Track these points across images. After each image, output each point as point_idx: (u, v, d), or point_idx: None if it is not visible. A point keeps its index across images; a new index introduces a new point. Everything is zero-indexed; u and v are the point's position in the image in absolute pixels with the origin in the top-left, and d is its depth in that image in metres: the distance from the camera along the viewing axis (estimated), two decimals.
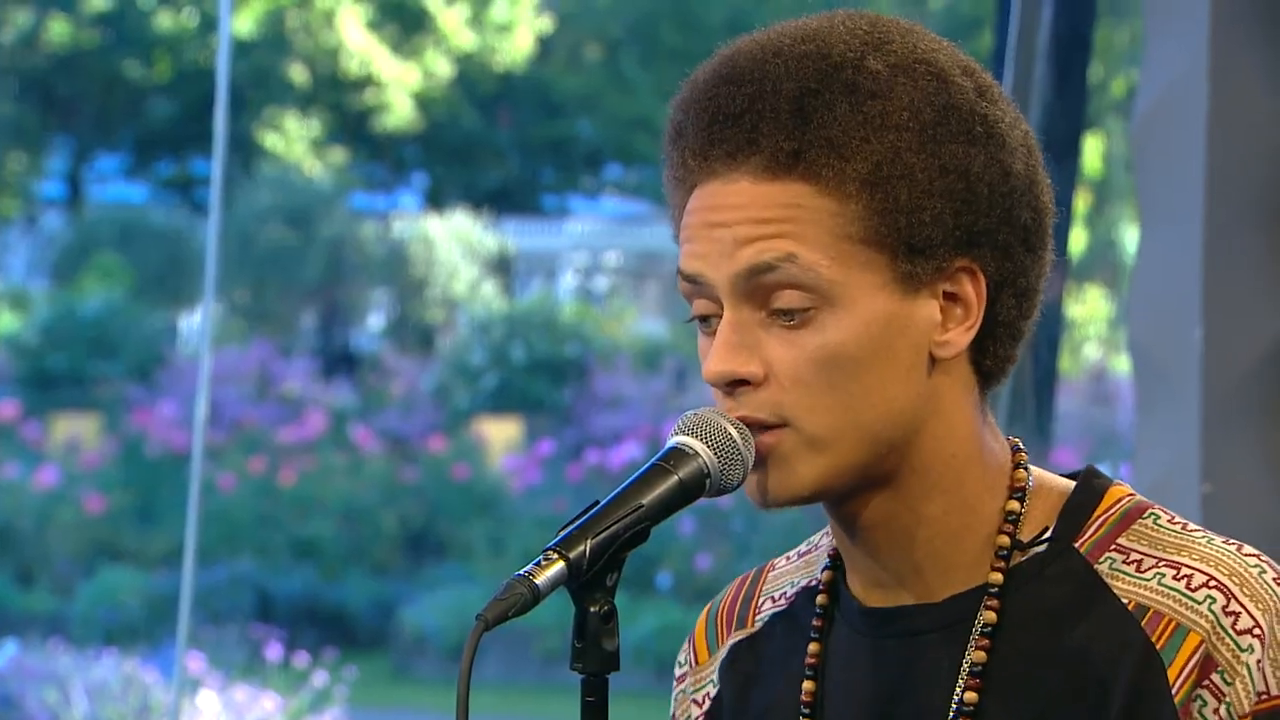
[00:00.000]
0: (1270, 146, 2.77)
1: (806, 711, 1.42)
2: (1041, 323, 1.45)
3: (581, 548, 1.32)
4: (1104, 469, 1.45)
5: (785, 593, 1.47)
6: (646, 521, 1.33)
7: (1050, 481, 1.42)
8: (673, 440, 1.36)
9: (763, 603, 1.48)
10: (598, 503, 1.34)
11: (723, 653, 1.48)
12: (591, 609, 1.32)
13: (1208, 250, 2.74)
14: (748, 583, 1.50)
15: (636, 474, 1.35)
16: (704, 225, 1.37)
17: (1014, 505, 1.39)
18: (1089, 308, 15.19)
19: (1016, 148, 1.38)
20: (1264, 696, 1.33)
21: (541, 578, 1.31)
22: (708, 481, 1.35)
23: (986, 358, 1.40)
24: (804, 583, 1.47)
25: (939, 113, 1.36)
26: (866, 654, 1.41)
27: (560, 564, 1.31)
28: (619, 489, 1.34)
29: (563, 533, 1.33)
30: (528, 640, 10.97)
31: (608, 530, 1.32)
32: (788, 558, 1.50)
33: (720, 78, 1.38)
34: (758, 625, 1.47)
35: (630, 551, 1.33)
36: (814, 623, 1.44)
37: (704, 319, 1.39)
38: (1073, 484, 1.42)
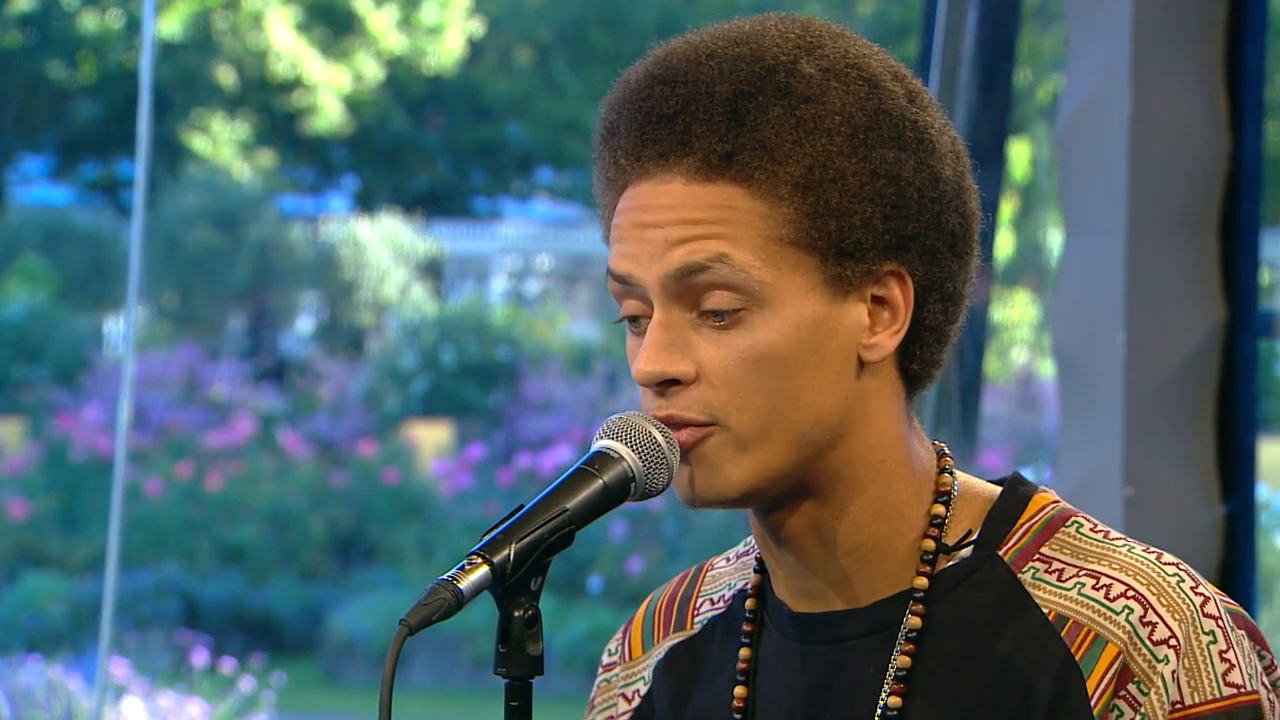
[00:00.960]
0: (1192, 153, 2.79)
1: (738, 717, 1.42)
2: (968, 326, 1.46)
3: (506, 552, 1.31)
4: (1029, 472, 1.45)
5: (724, 595, 1.47)
6: (571, 526, 1.33)
7: (976, 486, 1.43)
8: (597, 444, 1.36)
9: (701, 604, 1.48)
10: (522, 507, 1.34)
11: (659, 652, 1.48)
12: (515, 613, 1.32)
13: (1131, 256, 2.76)
14: (686, 582, 1.50)
15: (560, 478, 1.35)
16: (635, 226, 1.37)
17: (939, 509, 1.40)
18: (1016, 311, 15.30)
19: (946, 154, 1.39)
20: (1178, 706, 1.34)
21: (465, 582, 1.30)
22: (632, 485, 1.35)
23: (913, 362, 1.40)
24: (740, 585, 1.47)
25: (870, 117, 1.37)
26: (795, 659, 1.41)
27: (484, 568, 1.31)
28: (543, 493, 1.34)
29: (486, 537, 1.32)
30: (459, 644, 10.94)
31: (532, 535, 1.32)
32: (726, 558, 1.50)
33: (654, 78, 1.38)
34: (697, 627, 1.47)
35: (555, 556, 1.33)
36: (745, 627, 1.44)
37: (633, 319, 1.39)
38: (998, 490, 1.42)
